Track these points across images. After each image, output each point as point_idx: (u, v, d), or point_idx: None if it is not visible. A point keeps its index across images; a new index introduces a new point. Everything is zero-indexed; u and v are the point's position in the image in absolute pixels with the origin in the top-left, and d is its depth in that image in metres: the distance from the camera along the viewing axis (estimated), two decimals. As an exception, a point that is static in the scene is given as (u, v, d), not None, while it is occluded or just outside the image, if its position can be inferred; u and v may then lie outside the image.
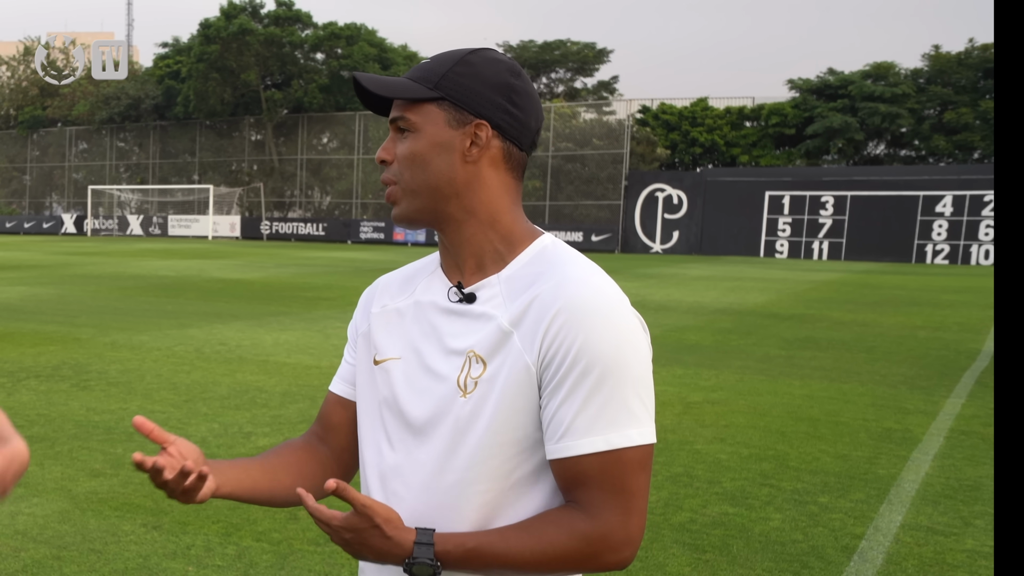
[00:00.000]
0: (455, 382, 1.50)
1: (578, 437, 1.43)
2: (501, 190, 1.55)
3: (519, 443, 1.48)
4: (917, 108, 44.64)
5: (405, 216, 1.56)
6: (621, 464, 1.43)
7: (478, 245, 1.55)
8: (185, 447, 1.50)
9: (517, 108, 1.54)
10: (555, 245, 1.56)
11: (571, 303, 1.44)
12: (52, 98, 62.05)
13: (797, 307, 17.51)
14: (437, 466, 1.51)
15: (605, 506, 1.44)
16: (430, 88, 1.51)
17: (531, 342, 1.45)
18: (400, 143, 1.54)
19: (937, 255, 38.40)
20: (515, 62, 1.58)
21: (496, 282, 1.53)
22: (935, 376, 10.08)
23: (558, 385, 1.44)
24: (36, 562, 4.40)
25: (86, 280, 20.62)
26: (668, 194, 43.48)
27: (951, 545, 4.88)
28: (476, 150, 1.52)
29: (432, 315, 1.57)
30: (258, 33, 52.08)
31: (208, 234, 52.70)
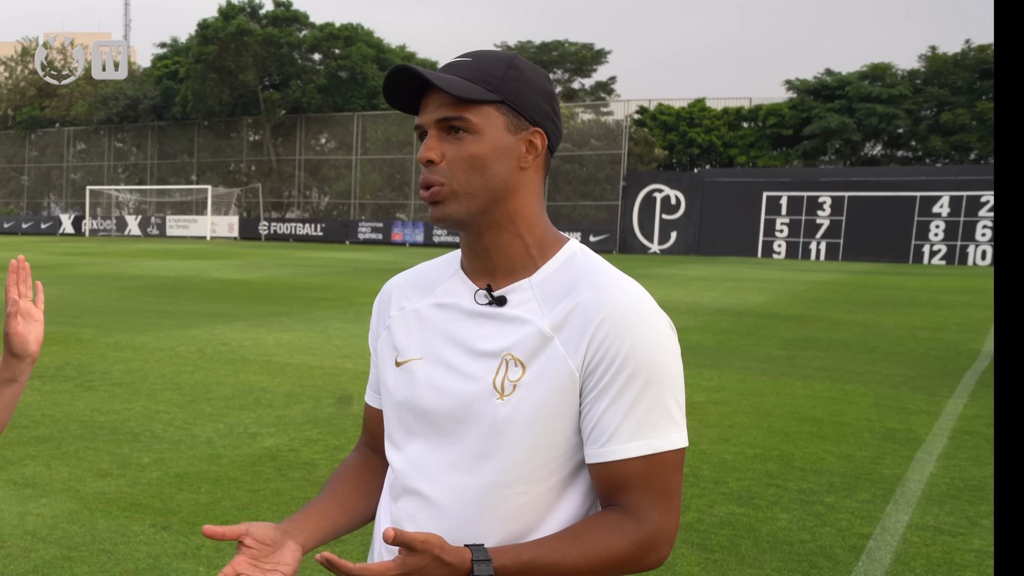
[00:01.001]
0: (490, 384, 1.50)
1: (623, 441, 1.45)
2: (539, 196, 1.57)
3: (559, 447, 1.49)
4: (914, 109, 44.71)
5: (453, 217, 1.52)
6: (663, 466, 1.47)
7: (514, 249, 1.55)
8: (259, 532, 1.49)
9: (557, 117, 1.56)
10: (584, 251, 1.58)
11: (616, 310, 1.46)
12: (50, 98, 61.96)
13: (796, 307, 17.53)
14: (471, 467, 1.51)
15: (650, 508, 1.46)
16: (490, 90, 1.49)
17: (575, 348, 1.46)
18: (451, 143, 1.50)
19: (934, 255, 38.44)
20: (545, 70, 1.58)
21: (528, 286, 1.53)
22: (936, 376, 10.10)
23: (604, 390, 1.46)
24: (47, 562, 4.40)
25: (86, 280, 20.60)
26: (666, 195, 43.51)
27: (959, 545, 4.89)
28: (531, 157, 1.53)
29: (457, 318, 1.57)
30: (256, 34, 52.06)
31: (206, 234, 52.66)
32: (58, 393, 8.20)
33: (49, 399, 7.95)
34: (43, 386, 8.48)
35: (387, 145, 52.69)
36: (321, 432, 7.02)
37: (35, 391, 8.26)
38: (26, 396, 8.06)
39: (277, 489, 5.61)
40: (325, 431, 7.07)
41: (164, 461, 6.14)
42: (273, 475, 5.89)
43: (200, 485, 5.64)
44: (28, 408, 7.59)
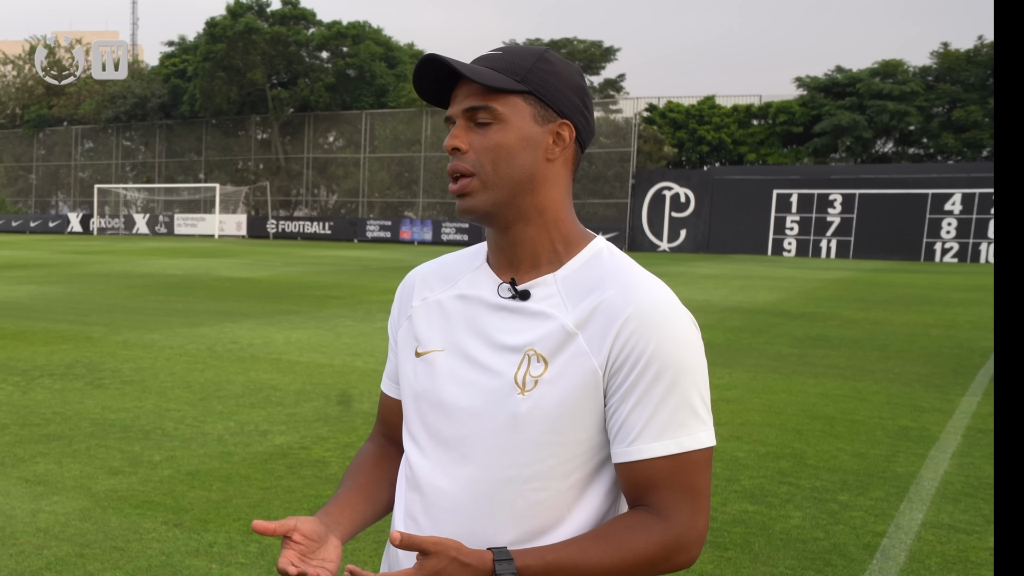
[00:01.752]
0: (511, 378, 1.49)
1: (651, 441, 1.44)
2: (566, 191, 1.57)
3: (580, 444, 1.48)
4: (926, 106, 44.45)
5: (480, 209, 1.52)
6: (690, 465, 1.46)
7: (539, 244, 1.54)
8: (306, 527, 1.49)
9: (588, 111, 1.56)
10: (610, 249, 1.58)
11: (642, 309, 1.46)
12: (58, 97, 62.13)
13: (807, 305, 17.49)
14: (488, 460, 1.50)
15: (677, 508, 1.45)
16: (518, 80, 1.49)
17: (599, 346, 1.46)
18: (478, 133, 1.50)
19: (946, 253, 38.31)
20: (579, 66, 1.58)
21: (552, 281, 1.53)
22: (949, 374, 10.06)
23: (630, 389, 1.45)
24: (59, 560, 4.40)
25: (95, 279, 20.64)
26: (675, 192, 43.46)
27: (974, 543, 4.87)
28: (558, 149, 1.52)
29: (479, 310, 1.57)
30: (264, 32, 52.11)
31: (214, 233, 52.75)
32: (69, 391, 8.21)
33: (60, 397, 7.96)
34: (53, 384, 8.49)
35: (395, 143, 52.70)
36: (332, 430, 7.02)
37: (46, 389, 8.27)
38: (37, 394, 8.08)
39: (289, 487, 5.60)
40: (336, 429, 7.06)
41: (175, 459, 6.14)
42: (284, 472, 5.89)
43: (212, 483, 5.64)
44: (39, 406, 7.60)
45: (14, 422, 7.07)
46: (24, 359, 9.78)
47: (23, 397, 7.94)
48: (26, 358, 9.84)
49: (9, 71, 65.48)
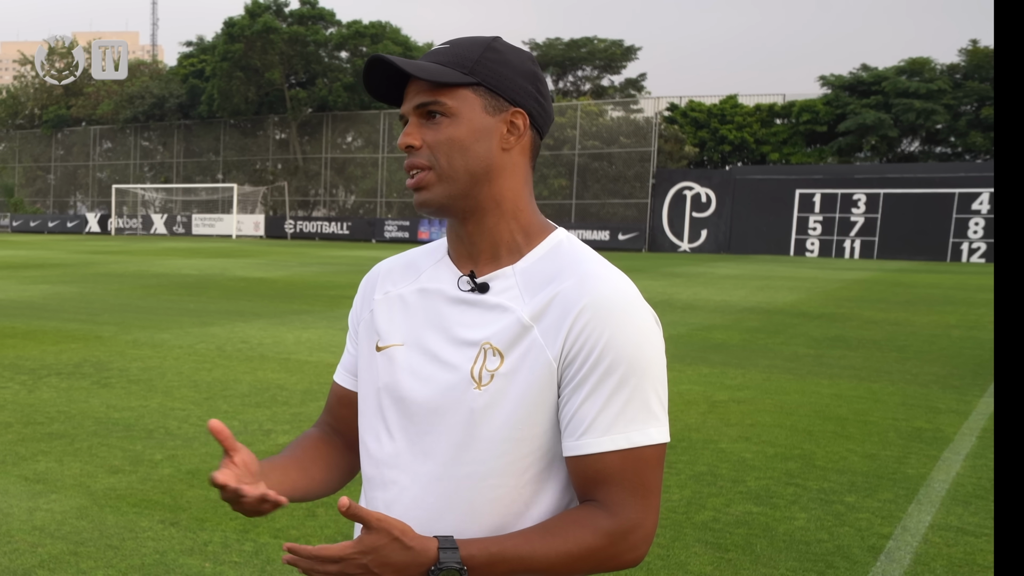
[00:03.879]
0: (468, 373, 1.47)
1: (600, 435, 1.43)
2: (524, 180, 1.55)
3: (535, 439, 1.47)
4: (953, 104, 43.94)
5: (435, 202, 1.51)
6: (641, 462, 1.44)
7: (498, 235, 1.53)
8: (248, 457, 1.50)
9: (543, 97, 1.55)
10: (571, 240, 1.56)
11: (596, 300, 1.44)
12: (76, 97, 62.58)
13: (827, 306, 17.33)
14: (447, 457, 1.49)
15: (626, 504, 1.43)
16: (465, 73, 1.48)
17: (554, 338, 1.44)
18: (431, 128, 1.49)
19: (973, 253, 37.89)
20: (530, 52, 1.58)
21: (511, 274, 1.51)
22: (968, 375, 9.91)
23: (581, 382, 1.43)
24: (53, 557, 4.38)
25: (109, 279, 20.73)
26: (696, 192, 43.26)
27: (982, 546, 4.76)
28: (513, 138, 1.51)
29: (439, 303, 1.55)
30: (282, 32, 52.29)
31: (232, 233, 52.96)
32: (75, 390, 8.20)
33: (65, 396, 7.95)
34: (60, 383, 8.49)
35: (414, 143, 52.71)
36: (336, 429, 6.97)
37: (52, 388, 8.27)
38: (42, 393, 8.08)
39: (287, 486, 5.55)
40: (340, 428, 7.01)
41: (176, 458, 6.12)
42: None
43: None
44: (44, 405, 7.60)
45: (18, 420, 7.06)
46: (33, 358, 9.79)
47: (29, 396, 7.94)
48: (35, 357, 9.86)
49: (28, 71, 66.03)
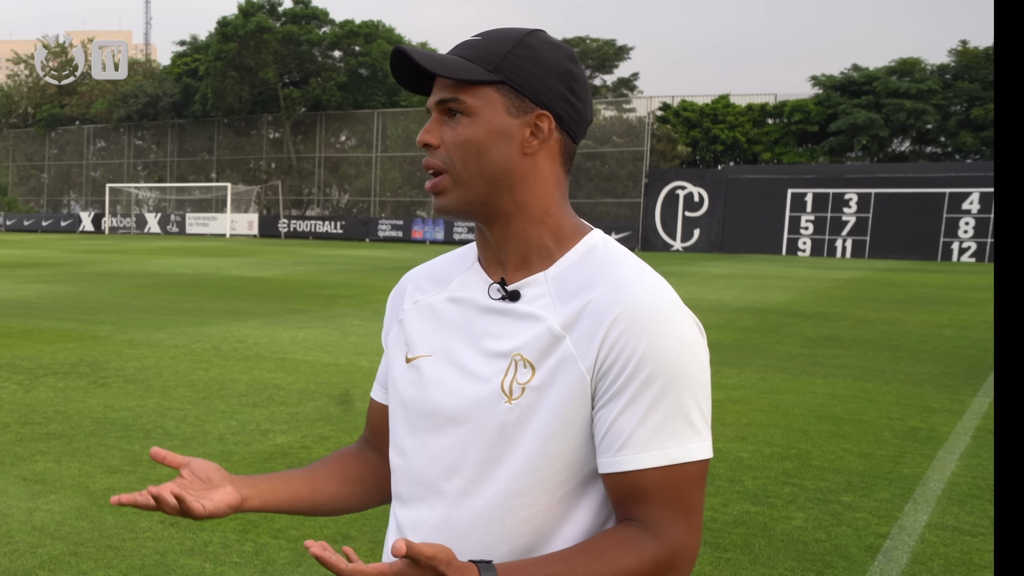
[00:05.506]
0: (498, 386, 1.40)
1: (638, 450, 1.34)
2: (554, 183, 1.45)
3: (569, 455, 1.39)
4: (944, 104, 44.11)
5: (452, 208, 1.44)
6: (682, 479, 1.35)
7: (526, 241, 1.45)
8: (200, 466, 1.45)
9: (576, 98, 1.44)
10: (606, 243, 1.47)
11: (631, 308, 1.35)
12: (70, 96, 62.45)
13: (820, 305, 17.38)
14: (476, 474, 1.42)
15: (669, 523, 1.35)
16: (489, 70, 1.39)
17: (586, 348, 1.36)
18: (450, 127, 1.42)
19: (964, 253, 38.01)
20: (571, 48, 1.47)
21: (543, 280, 1.43)
22: (961, 375, 9.95)
23: (617, 394, 1.34)
24: (53, 558, 4.38)
25: (104, 278, 20.69)
26: (689, 192, 43.32)
27: (978, 545, 4.79)
28: (536, 142, 1.41)
29: (470, 313, 1.48)
30: (276, 31, 52.24)
31: (226, 232, 52.89)
32: (71, 390, 8.19)
33: (62, 396, 7.94)
34: (57, 383, 8.48)
35: (407, 142, 52.73)
36: (333, 429, 6.98)
37: (49, 388, 8.26)
38: (39, 393, 8.07)
39: (286, 486, 5.56)
40: (337, 428, 7.02)
41: (175, 458, 6.10)
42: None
43: (209, 482, 5.60)
44: (41, 405, 7.59)
45: (15, 420, 7.05)
46: (29, 358, 9.78)
47: (26, 396, 7.93)
48: (31, 357, 9.84)
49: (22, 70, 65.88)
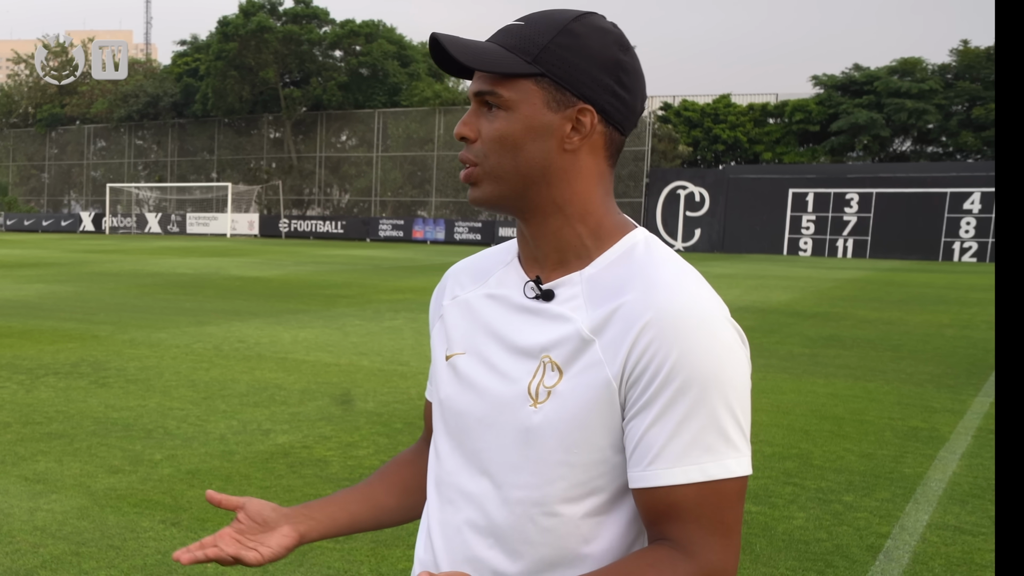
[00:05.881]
0: (525, 388, 1.35)
1: (670, 465, 1.26)
2: (596, 179, 1.38)
3: (594, 466, 1.32)
4: (945, 104, 44.09)
5: (486, 200, 1.38)
6: (718, 496, 1.26)
7: (564, 239, 1.38)
8: (255, 508, 1.46)
9: (625, 89, 1.35)
10: (647, 243, 1.38)
11: (662, 314, 1.26)
12: (70, 96, 62.45)
13: (821, 305, 17.37)
14: (501, 478, 1.38)
15: (704, 544, 1.26)
16: (528, 62, 1.31)
17: (614, 355, 1.28)
18: (486, 120, 1.35)
19: (965, 253, 38.01)
20: (623, 33, 1.37)
21: (578, 280, 1.36)
22: (963, 374, 9.95)
23: (647, 405, 1.27)
24: (55, 558, 4.38)
25: (104, 278, 20.70)
26: (690, 192, 43.33)
27: (979, 545, 4.79)
28: (577, 138, 1.34)
29: (504, 310, 1.43)
30: (276, 31, 52.26)
31: (226, 232, 52.89)
32: (73, 390, 8.20)
33: (64, 396, 7.95)
34: (58, 383, 8.48)
35: (408, 142, 52.74)
36: (335, 429, 6.98)
37: (50, 388, 8.26)
38: (41, 393, 8.07)
39: (289, 486, 5.57)
40: (339, 428, 7.02)
41: (176, 457, 6.11)
42: (285, 472, 5.85)
43: (211, 482, 5.61)
44: (42, 405, 7.59)
45: (16, 420, 7.05)
46: (30, 357, 9.78)
47: (27, 396, 7.93)
48: (32, 356, 9.85)
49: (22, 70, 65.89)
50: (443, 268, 13.57)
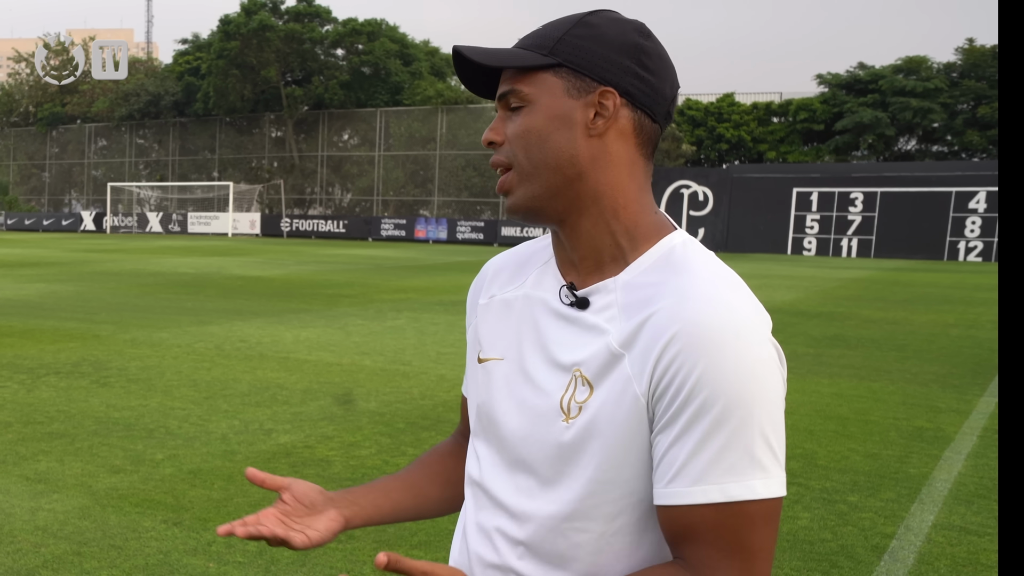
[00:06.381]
0: (557, 402, 1.32)
1: (690, 484, 1.21)
2: (629, 169, 1.34)
3: (627, 483, 1.28)
4: (950, 103, 44.00)
5: (522, 207, 1.35)
6: (740, 519, 1.20)
7: (598, 240, 1.34)
8: (301, 489, 1.43)
9: (648, 72, 1.32)
10: (685, 247, 1.34)
11: (690, 326, 1.22)
12: (71, 95, 62.43)
13: (826, 305, 17.34)
14: (534, 492, 1.35)
15: (719, 568, 1.21)
16: (544, 54, 1.31)
17: (641, 369, 1.25)
18: (512, 120, 1.34)
19: (970, 252, 37.93)
20: (642, 22, 1.37)
21: (613, 287, 1.32)
22: (968, 374, 9.92)
23: (671, 420, 1.22)
24: (56, 558, 4.36)
25: (105, 277, 20.69)
26: (694, 191, 43.29)
27: (985, 545, 4.76)
28: (602, 121, 1.31)
29: (540, 315, 1.39)
30: (278, 29, 52.23)
31: (228, 231, 52.89)
32: (74, 389, 8.18)
33: (65, 395, 7.93)
34: (59, 382, 8.46)
35: (410, 141, 52.72)
36: (337, 429, 6.96)
37: (51, 387, 8.24)
38: (42, 392, 8.05)
39: (290, 486, 5.53)
40: (341, 428, 7.00)
41: (178, 457, 6.09)
42: (287, 472, 5.82)
43: (213, 481, 5.58)
44: (43, 404, 7.57)
45: (17, 420, 7.04)
46: (31, 357, 9.77)
47: (28, 395, 7.91)
48: (33, 356, 9.83)
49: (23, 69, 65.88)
50: (446, 267, 13.53)
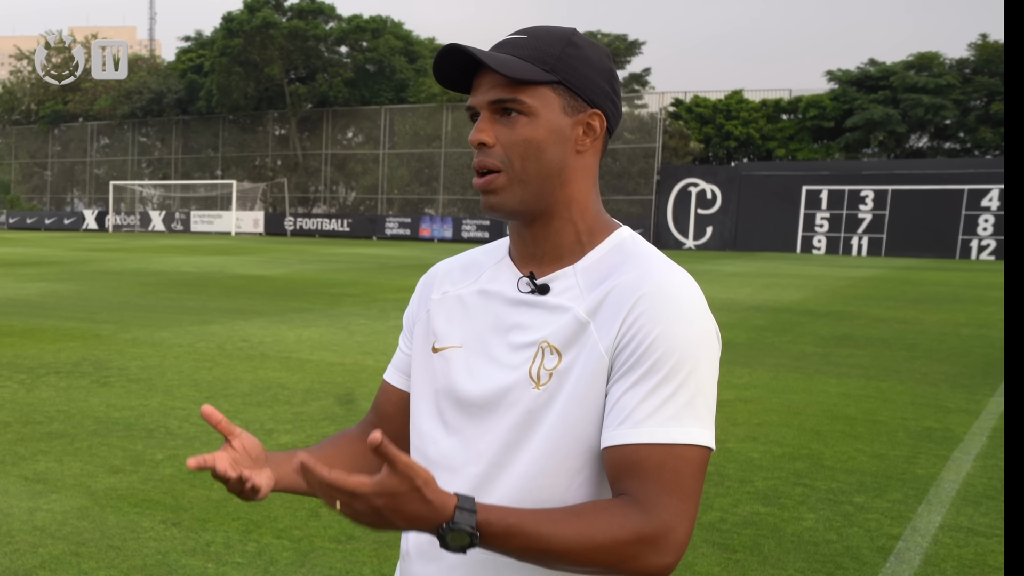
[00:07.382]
0: (526, 373, 1.44)
1: (638, 425, 1.34)
2: (593, 181, 1.52)
3: (587, 437, 1.41)
4: (963, 99, 43.63)
5: (506, 207, 1.46)
6: (679, 460, 1.34)
7: (563, 237, 1.49)
8: (248, 441, 1.47)
9: (616, 95, 1.50)
10: (634, 238, 1.52)
11: (655, 291, 1.39)
12: (73, 93, 62.35)
13: (835, 304, 17.27)
14: (500, 459, 1.45)
15: (660, 503, 1.32)
16: (546, 70, 1.43)
17: (607, 330, 1.39)
18: (506, 126, 1.44)
19: (983, 251, 37.74)
20: (605, 46, 1.52)
21: (572, 273, 1.48)
22: (978, 374, 9.84)
23: (628, 372, 1.37)
24: (54, 558, 4.34)
25: (107, 276, 20.68)
26: (701, 189, 43.20)
27: (992, 547, 4.71)
28: (588, 140, 1.47)
29: (499, 306, 1.52)
30: (282, 26, 52.14)
31: (231, 230, 52.89)
32: (74, 389, 8.14)
33: (65, 395, 7.89)
34: (59, 382, 8.43)
35: (415, 139, 52.68)
36: (338, 429, 6.92)
37: (51, 387, 8.21)
38: (41, 392, 8.02)
39: (290, 486, 5.49)
40: (342, 428, 6.95)
41: (178, 457, 6.06)
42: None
43: (212, 482, 5.54)
44: (43, 404, 7.54)
45: (17, 420, 7.01)
46: (31, 356, 9.74)
47: (28, 395, 7.88)
48: (33, 355, 9.80)
49: (24, 66, 65.87)
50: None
